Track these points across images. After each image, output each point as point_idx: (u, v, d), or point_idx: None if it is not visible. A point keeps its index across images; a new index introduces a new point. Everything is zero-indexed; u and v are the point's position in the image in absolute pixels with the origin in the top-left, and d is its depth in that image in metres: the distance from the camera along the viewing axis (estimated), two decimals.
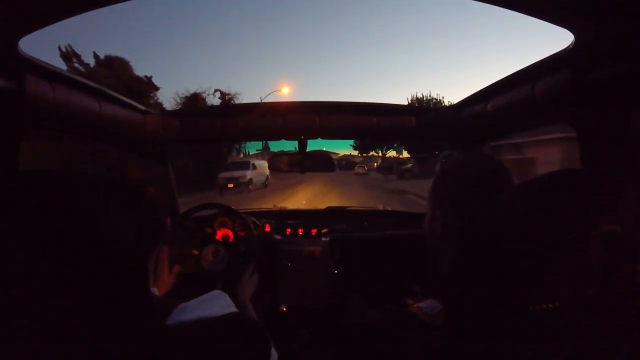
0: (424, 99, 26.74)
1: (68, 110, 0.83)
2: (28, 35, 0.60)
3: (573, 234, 0.31)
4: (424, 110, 1.31)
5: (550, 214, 0.32)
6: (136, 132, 1.21)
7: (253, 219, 1.49)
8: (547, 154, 10.49)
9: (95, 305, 0.34)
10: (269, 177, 15.93)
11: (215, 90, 14.80)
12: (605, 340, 0.29)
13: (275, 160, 1.48)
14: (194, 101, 13.12)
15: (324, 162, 1.44)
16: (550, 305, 0.30)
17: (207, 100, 14.01)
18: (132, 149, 1.32)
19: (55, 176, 0.38)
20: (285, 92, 18.44)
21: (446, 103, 25.48)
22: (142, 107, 1.23)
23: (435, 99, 26.75)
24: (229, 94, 15.31)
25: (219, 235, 1.49)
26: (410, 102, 26.24)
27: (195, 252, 1.37)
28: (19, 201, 0.34)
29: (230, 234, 1.48)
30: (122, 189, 0.60)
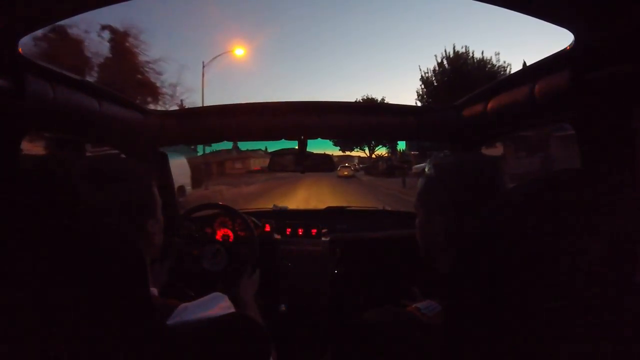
0: (465, 56, 16.30)
1: (68, 110, 0.83)
2: (28, 35, 0.60)
3: (573, 234, 0.30)
4: (424, 110, 1.31)
5: (551, 214, 0.32)
6: (136, 132, 1.22)
7: (253, 219, 1.49)
8: None
9: (95, 304, 0.34)
10: (186, 188, 8.37)
11: (103, 28, 9.80)
12: (606, 340, 0.29)
13: (274, 160, 1.48)
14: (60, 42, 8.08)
15: (323, 162, 1.44)
16: (551, 305, 0.30)
17: (84, 42, 9.05)
18: (132, 149, 1.32)
19: (55, 176, 0.38)
20: (240, 55, 13.90)
21: (502, 63, 16.03)
22: (143, 107, 1.23)
23: (477, 58, 16.24)
24: (126, 32, 10.01)
25: (219, 235, 1.49)
26: (440, 61, 16.66)
27: (194, 251, 1.37)
28: (19, 201, 0.34)
29: (230, 234, 1.48)
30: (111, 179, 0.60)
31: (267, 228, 1.53)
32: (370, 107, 1.35)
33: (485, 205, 0.39)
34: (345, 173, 23.00)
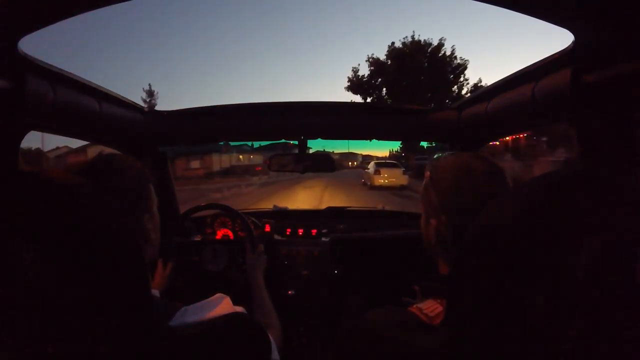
0: None
1: (68, 110, 0.83)
2: (28, 35, 0.60)
3: (573, 235, 0.30)
4: (425, 111, 1.31)
5: (551, 214, 0.32)
6: (136, 132, 1.22)
7: (253, 219, 1.49)
8: None
9: (96, 305, 0.34)
10: None
11: None
12: (606, 341, 0.29)
13: (275, 160, 1.48)
14: None
15: (324, 162, 1.44)
16: (551, 305, 0.30)
17: None
18: (132, 148, 1.32)
19: (55, 176, 0.38)
20: None
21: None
22: (143, 107, 1.23)
23: None
24: None
25: (219, 235, 1.49)
26: None
27: (194, 251, 1.37)
28: (19, 201, 0.34)
29: (230, 234, 1.48)
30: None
31: (267, 228, 1.53)
32: (371, 107, 1.35)
33: (481, 206, 0.39)
34: (392, 180, 12.15)
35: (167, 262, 1.18)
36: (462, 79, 20.27)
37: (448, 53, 19.83)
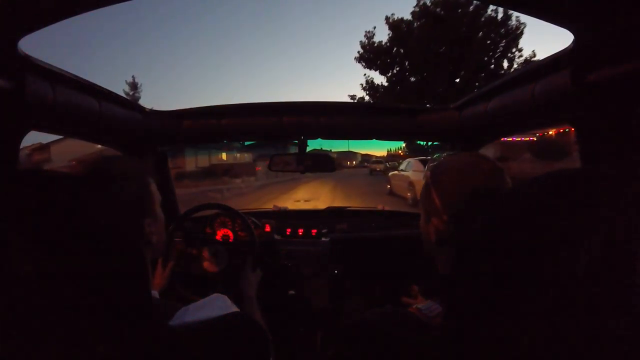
0: None
1: (68, 110, 0.83)
2: (28, 35, 0.60)
3: (573, 235, 0.30)
4: (424, 111, 1.31)
5: (550, 214, 0.32)
6: (136, 132, 1.22)
7: (253, 219, 1.49)
8: None
9: (96, 305, 0.34)
10: None
11: None
12: (606, 341, 0.29)
13: (275, 160, 1.48)
14: None
15: (323, 162, 1.44)
16: (550, 305, 0.30)
17: None
18: (132, 149, 1.32)
19: (55, 175, 0.38)
20: None
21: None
22: (143, 107, 1.23)
23: None
24: None
25: (219, 235, 1.49)
26: None
27: (194, 251, 1.37)
28: (19, 201, 0.34)
29: (230, 234, 1.48)
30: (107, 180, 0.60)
31: (267, 228, 1.53)
32: (371, 107, 1.36)
33: (481, 208, 0.39)
34: None
35: (167, 262, 1.18)
36: (514, 49, 14.13)
37: (500, 11, 13.42)
